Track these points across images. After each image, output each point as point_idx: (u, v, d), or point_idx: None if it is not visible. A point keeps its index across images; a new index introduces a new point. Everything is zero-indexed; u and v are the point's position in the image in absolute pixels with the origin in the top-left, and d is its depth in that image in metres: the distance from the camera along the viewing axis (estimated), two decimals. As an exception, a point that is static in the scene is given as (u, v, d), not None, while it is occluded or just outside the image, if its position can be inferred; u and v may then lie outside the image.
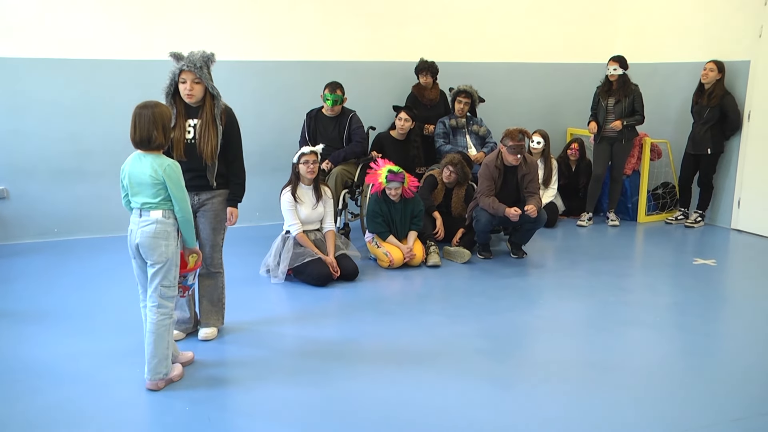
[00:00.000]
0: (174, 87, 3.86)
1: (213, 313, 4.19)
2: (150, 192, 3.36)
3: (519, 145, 5.64)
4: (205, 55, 3.81)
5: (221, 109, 3.90)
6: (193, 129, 3.89)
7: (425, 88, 7.09)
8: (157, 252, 3.38)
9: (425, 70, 6.99)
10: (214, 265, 4.10)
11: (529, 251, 6.08)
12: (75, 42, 6.21)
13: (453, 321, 4.49)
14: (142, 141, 3.33)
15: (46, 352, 3.90)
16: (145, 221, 3.38)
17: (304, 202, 5.23)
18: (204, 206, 4.00)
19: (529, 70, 8.03)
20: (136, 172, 3.36)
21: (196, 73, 3.77)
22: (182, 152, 3.87)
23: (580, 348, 4.17)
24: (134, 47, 6.39)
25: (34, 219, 6.30)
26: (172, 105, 3.86)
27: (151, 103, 3.35)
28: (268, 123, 6.91)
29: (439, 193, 6.23)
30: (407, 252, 5.58)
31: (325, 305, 4.80)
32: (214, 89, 3.86)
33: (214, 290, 4.16)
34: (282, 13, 6.86)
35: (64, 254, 5.90)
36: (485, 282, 5.32)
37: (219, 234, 4.07)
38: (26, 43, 6.08)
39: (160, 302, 3.44)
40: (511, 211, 5.58)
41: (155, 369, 3.46)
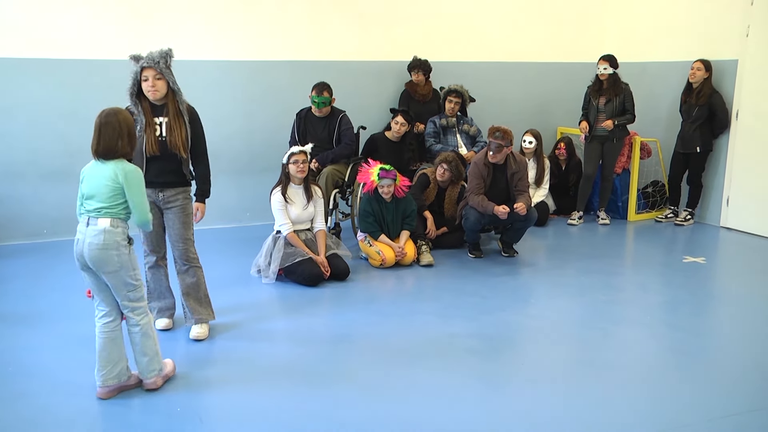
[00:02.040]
0: (137, 87, 3.90)
1: (203, 309, 4.21)
2: (105, 196, 3.22)
3: (496, 143, 5.62)
4: (163, 51, 3.87)
5: (184, 104, 3.97)
6: (160, 126, 3.94)
7: (417, 85, 7.12)
8: (109, 263, 3.24)
9: (417, 68, 7.03)
10: (190, 258, 4.14)
11: (520, 250, 6.08)
12: (64, 42, 6.17)
13: (444, 320, 4.48)
14: (106, 151, 3.21)
15: (36, 355, 3.88)
16: (93, 231, 3.21)
17: (295, 202, 5.21)
18: (170, 203, 4.03)
19: (520, 69, 8.04)
20: (95, 175, 3.24)
21: (156, 69, 3.83)
22: (155, 148, 3.91)
23: (572, 347, 4.17)
24: (124, 48, 6.29)
25: (23, 220, 6.25)
26: (137, 104, 3.91)
27: (113, 111, 3.25)
28: (258, 123, 6.89)
29: (432, 192, 6.21)
30: (399, 251, 5.57)
31: (316, 305, 4.78)
32: (175, 84, 3.92)
33: (198, 287, 4.19)
34: (271, 12, 6.83)
35: (54, 255, 5.85)
36: (476, 281, 5.31)
37: (189, 229, 4.11)
38: (15, 43, 6.03)
39: (132, 306, 3.36)
40: (500, 209, 5.57)
41: (148, 367, 3.42)
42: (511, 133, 5.69)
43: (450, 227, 6.19)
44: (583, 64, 7.99)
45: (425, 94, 7.12)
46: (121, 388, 3.43)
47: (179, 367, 3.71)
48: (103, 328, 3.38)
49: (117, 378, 3.40)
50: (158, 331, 3.90)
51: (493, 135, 5.66)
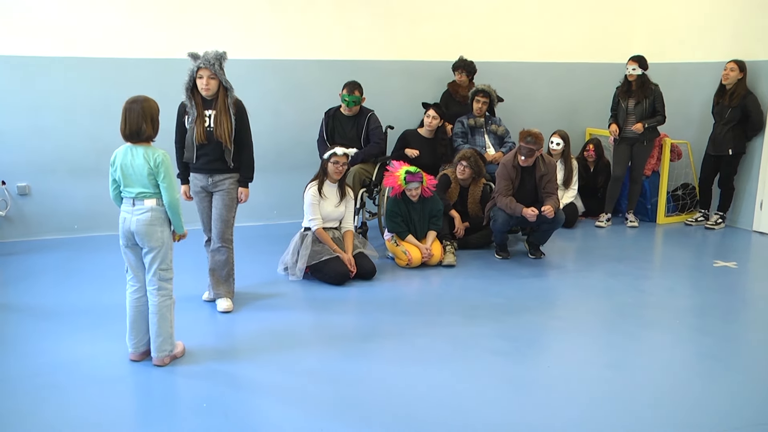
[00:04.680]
0: (192, 83, 4.39)
1: (222, 286, 4.65)
2: (144, 182, 3.58)
3: (527, 147, 5.63)
4: (218, 54, 4.34)
5: (233, 100, 4.42)
6: (208, 118, 4.41)
7: (460, 85, 7.15)
8: (153, 238, 3.61)
9: (461, 68, 7.08)
10: (225, 239, 4.58)
11: (547, 252, 6.08)
12: (95, 41, 6.29)
13: (470, 321, 4.50)
14: (132, 134, 3.55)
15: (66, 348, 3.97)
16: (140, 209, 3.60)
17: (328, 198, 5.28)
18: (218, 186, 4.53)
19: (548, 69, 8.01)
20: (129, 163, 3.58)
21: (211, 69, 4.30)
22: (203, 137, 4.41)
23: (599, 350, 4.16)
24: (153, 46, 6.45)
25: (54, 215, 6.39)
26: (191, 98, 4.40)
27: (140, 98, 3.59)
28: (286, 122, 6.95)
29: (453, 191, 6.23)
30: (426, 252, 5.60)
31: (342, 304, 4.83)
32: (227, 83, 4.40)
33: (225, 266, 4.62)
34: (299, 11, 6.89)
35: (84, 251, 5.98)
36: (503, 282, 5.32)
37: (231, 211, 4.58)
38: (47, 41, 6.16)
39: (160, 285, 3.69)
40: (528, 212, 5.57)
41: (161, 347, 3.71)
42: (542, 136, 5.69)
43: (474, 225, 6.20)
44: (612, 64, 7.94)
45: (466, 95, 7.11)
46: (145, 354, 3.80)
47: (211, 347, 3.83)
48: (134, 302, 3.73)
49: (145, 346, 3.78)
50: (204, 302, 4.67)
51: (524, 140, 5.65)
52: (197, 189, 4.60)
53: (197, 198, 4.63)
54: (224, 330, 4.33)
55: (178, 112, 4.56)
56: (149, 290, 3.70)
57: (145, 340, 3.77)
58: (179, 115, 4.55)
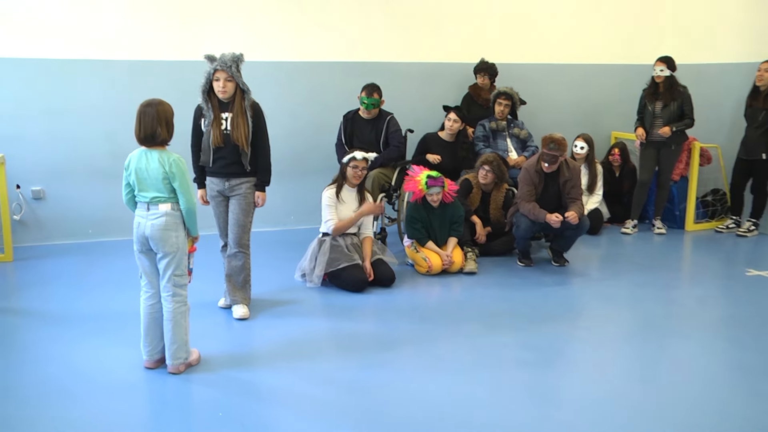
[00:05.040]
0: (209, 85, 4.42)
1: (238, 292, 4.68)
2: (159, 186, 3.61)
3: (550, 154, 5.62)
4: (235, 56, 4.37)
5: (250, 102, 4.45)
6: (225, 121, 4.44)
7: (482, 88, 7.16)
8: (168, 243, 3.64)
9: (483, 71, 7.10)
10: (242, 244, 4.61)
11: (571, 259, 6.05)
12: (110, 43, 6.36)
13: (492, 330, 4.49)
14: (146, 137, 3.59)
15: (79, 355, 4.01)
16: (154, 214, 3.63)
17: (346, 203, 5.30)
18: (234, 190, 4.56)
19: (572, 71, 7.99)
20: (144, 167, 3.61)
21: (228, 72, 4.32)
22: (219, 140, 4.44)
23: (626, 362, 4.14)
24: (168, 48, 6.52)
25: (69, 220, 6.46)
26: (207, 101, 4.43)
27: (154, 101, 3.63)
28: (303, 125, 6.98)
29: (475, 197, 6.22)
30: (446, 258, 5.60)
31: (360, 311, 4.84)
32: (244, 85, 4.43)
33: (241, 272, 4.65)
34: (316, 12, 6.92)
35: (98, 256, 6.04)
36: (525, 290, 5.31)
37: (248, 216, 4.61)
38: (62, 44, 6.24)
39: (174, 291, 3.71)
40: (552, 217, 5.56)
41: (175, 354, 3.73)
42: (565, 142, 5.66)
43: (496, 231, 6.19)
44: (638, 66, 7.88)
45: (488, 99, 7.10)
46: (160, 361, 3.83)
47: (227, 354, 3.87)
48: (148, 308, 3.76)
49: (160, 353, 3.80)
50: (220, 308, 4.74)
51: (547, 146, 5.64)
52: (213, 193, 4.63)
53: (213, 202, 4.67)
54: (240, 337, 4.36)
55: (195, 115, 4.60)
56: (164, 296, 3.73)
57: (160, 347, 3.80)
58: (195, 117, 4.59)
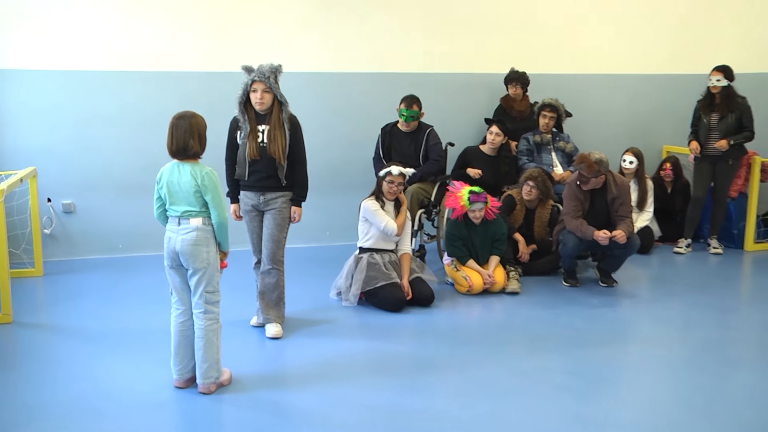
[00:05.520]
0: (246, 96, 4.47)
1: (272, 310, 4.72)
2: (191, 200, 3.68)
3: (582, 176, 5.60)
4: (273, 67, 4.42)
5: (288, 114, 4.51)
6: (262, 133, 4.50)
7: (514, 99, 7.13)
8: (199, 259, 3.69)
9: (515, 81, 7.04)
10: (276, 261, 4.64)
11: (620, 279, 5.98)
12: (143, 54, 6.50)
13: (535, 353, 4.46)
14: (178, 150, 3.66)
15: (111, 373, 4.08)
16: (185, 229, 3.69)
17: (388, 212, 5.31)
18: (269, 205, 4.61)
19: (621, 81, 7.93)
20: (175, 181, 3.69)
21: (266, 83, 4.38)
22: (256, 153, 4.49)
23: (679, 390, 4.06)
24: (203, 59, 6.64)
25: (99, 234, 6.59)
26: (243, 113, 4.49)
27: (187, 114, 3.70)
28: (340, 138, 7.03)
29: (518, 214, 6.20)
30: (488, 278, 5.58)
31: (398, 331, 4.84)
32: (282, 97, 4.48)
33: (275, 289, 4.69)
34: (354, 22, 6.99)
35: (128, 271, 6.15)
36: (571, 312, 5.26)
37: (283, 231, 4.65)
38: (93, 55, 6.39)
39: (206, 308, 3.76)
40: (600, 235, 5.51)
41: (206, 373, 3.76)
42: (595, 165, 5.54)
43: (541, 250, 6.16)
44: (692, 75, 7.79)
45: (522, 110, 7.10)
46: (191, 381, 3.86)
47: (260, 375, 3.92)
48: (179, 326, 3.81)
49: (191, 372, 3.84)
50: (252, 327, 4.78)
51: (577, 165, 5.64)
52: (248, 208, 4.68)
53: (247, 217, 4.72)
54: (273, 357, 4.39)
55: (230, 127, 4.65)
56: (195, 314, 3.77)
57: (191, 366, 3.84)
58: (231, 130, 4.65)
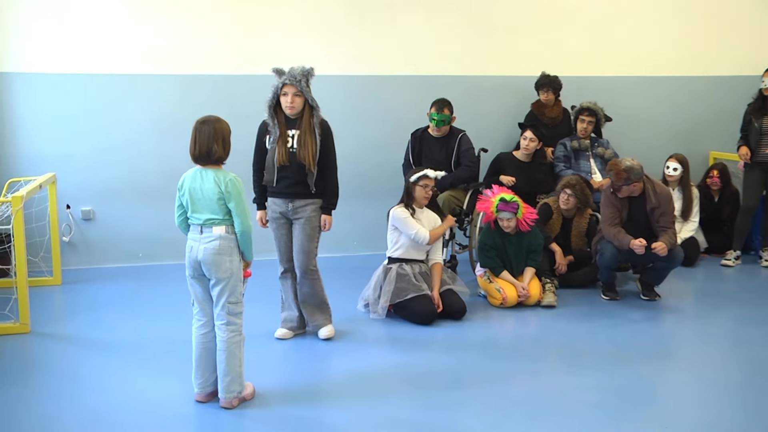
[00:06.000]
0: (276, 100, 4.52)
1: (319, 314, 4.85)
2: (214, 207, 3.69)
3: (615, 183, 5.58)
4: (304, 70, 4.47)
5: (319, 119, 4.55)
6: (291, 138, 4.54)
7: (546, 105, 7.10)
8: (221, 268, 3.70)
9: (546, 86, 7.01)
10: (309, 270, 4.71)
11: (663, 293, 5.92)
12: (165, 57, 6.60)
13: (572, 370, 4.44)
14: (201, 155, 3.69)
15: (130, 385, 4.13)
16: (208, 237, 3.71)
17: (419, 220, 5.31)
18: (298, 214, 4.65)
19: (665, 84, 7.87)
20: (197, 188, 3.71)
21: (297, 86, 4.42)
22: (285, 159, 4.52)
23: (727, 412, 3.99)
24: (226, 62, 6.71)
25: (119, 242, 6.68)
26: (273, 117, 4.54)
27: (211, 118, 3.73)
28: (367, 143, 7.06)
29: (555, 223, 6.18)
30: (522, 290, 5.56)
31: (428, 345, 4.84)
32: (314, 101, 4.52)
33: (314, 295, 4.79)
34: (383, 24, 7.03)
35: (148, 281, 6.22)
36: (610, 327, 5.22)
37: (313, 241, 4.70)
38: (115, 59, 6.50)
39: (228, 320, 3.77)
40: (636, 243, 5.47)
41: (228, 387, 3.77)
42: (624, 173, 5.51)
43: (579, 261, 6.13)
44: (742, 77, 7.73)
45: (554, 117, 7.08)
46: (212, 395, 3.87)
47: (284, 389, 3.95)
48: (200, 338, 3.83)
49: (212, 386, 3.85)
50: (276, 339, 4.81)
51: (608, 172, 5.65)
52: (275, 215, 4.72)
53: (275, 224, 4.75)
54: (298, 371, 4.40)
55: (259, 132, 4.70)
56: (217, 325, 3.78)
57: (212, 379, 3.86)
58: (260, 134, 4.70)
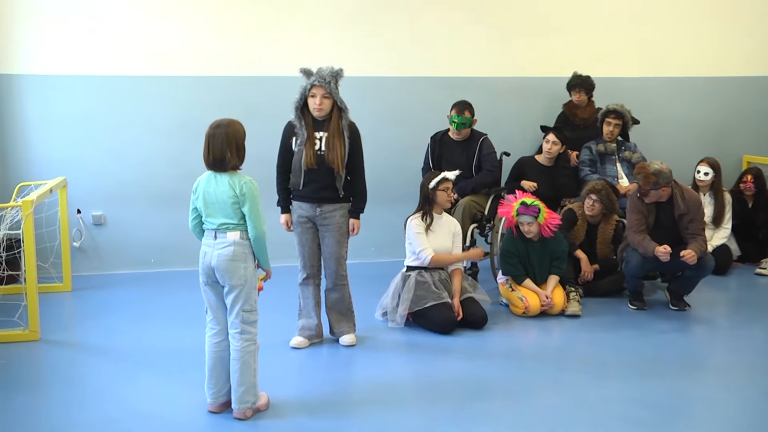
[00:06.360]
0: (303, 101, 4.54)
1: (344, 322, 4.91)
2: (228, 212, 3.69)
3: (641, 188, 5.56)
4: (334, 71, 4.49)
5: (348, 122, 4.59)
6: (319, 141, 4.57)
7: (578, 106, 7.10)
8: (236, 275, 3.70)
9: (578, 86, 7.02)
10: (340, 276, 4.79)
11: (693, 303, 5.88)
12: (177, 58, 6.65)
13: (598, 382, 4.41)
14: (215, 162, 3.69)
15: (142, 394, 4.15)
16: (222, 243, 3.71)
17: (435, 232, 5.32)
18: (327, 219, 4.68)
19: (695, 85, 7.84)
20: (212, 191, 3.71)
21: (326, 88, 4.45)
22: (313, 161, 4.54)
23: (757, 427, 3.95)
24: (241, 63, 6.75)
25: (130, 248, 6.73)
26: (300, 118, 4.57)
27: (224, 122, 3.72)
28: (386, 147, 7.04)
29: (580, 229, 6.16)
30: (546, 299, 5.54)
31: (448, 356, 4.84)
32: (342, 103, 4.55)
33: (342, 302, 4.87)
34: (403, 24, 7.04)
35: (160, 287, 6.26)
36: (638, 338, 5.19)
37: (343, 247, 4.76)
38: (126, 60, 6.56)
39: (243, 328, 3.76)
40: (660, 250, 5.45)
41: (242, 398, 3.77)
42: (653, 176, 5.48)
43: (604, 269, 6.10)
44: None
45: (586, 118, 7.07)
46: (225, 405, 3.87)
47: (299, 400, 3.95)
48: (213, 347, 3.83)
49: (225, 396, 3.84)
50: (292, 348, 4.78)
51: (635, 176, 5.65)
52: (302, 219, 4.72)
53: (300, 228, 4.74)
54: (314, 381, 4.40)
55: (284, 133, 4.73)
56: (231, 334, 3.78)
57: (226, 389, 3.86)
58: (285, 135, 4.72)
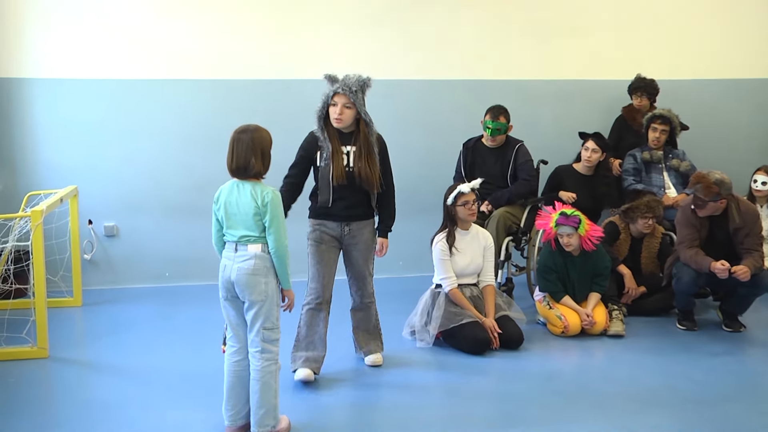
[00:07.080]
0: (326, 110, 4.46)
1: (372, 340, 4.92)
2: (249, 223, 3.70)
3: (698, 198, 5.50)
4: (361, 79, 4.42)
5: (375, 135, 4.53)
6: (347, 156, 4.49)
7: (639, 111, 7.11)
8: (256, 290, 3.71)
9: (640, 90, 7.07)
10: (367, 294, 4.81)
11: (749, 324, 5.83)
12: (193, 61, 6.72)
13: (645, 409, 4.36)
14: (238, 169, 3.71)
15: (156, 416, 4.17)
16: (243, 256, 3.72)
17: (460, 251, 5.31)
18: (355, 237, 4.63)
19: (750, 87, 7.81)
20: (233, 202, 3.73)
21: (350, 97, 4.36)
22: (343, 178, 4.46)
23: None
24: (260, 66, 6.81)
25: (144, 261, 6.79)
26: (323, 129, 4.49)
27: (250, 128, 3.75)
28: (415, 155, 7.07)
29: (623, 244, 6.14)
30: (586, 318, 5.51)
31: (480, 377, 4.82)
32: (367, 115, 4.46)
33: (369, 320, 4.90)
34: (433, 25, 7.06)
35: (176, 302, 6.31)
36: (687, 361, 5.14)
37: (370, 264, 4.76)
38: (141, 63, 6.65)
39: (263, 347, 3.76)
40: (718, 266, 5.40)
41: (261, 421, 3.77)
42: (715, 186, 5.43)
43: (650, 287, 6.06)
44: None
45: None
46: (244, 428, 3.86)
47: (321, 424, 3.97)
48: (233, 365, 3.84)
49: (244, 419, 3.85)
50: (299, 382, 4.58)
51: (693, 185, 5.56)
52: (326, 237, 4.60)
53: (324, 247, 4.62)
54: (337, 404, 4.40)
55: (305, 143, 4.61)
56: (251, 352, 3.79)
57: (245, 411, 3.87)
58: (306, 146, 4.60)
